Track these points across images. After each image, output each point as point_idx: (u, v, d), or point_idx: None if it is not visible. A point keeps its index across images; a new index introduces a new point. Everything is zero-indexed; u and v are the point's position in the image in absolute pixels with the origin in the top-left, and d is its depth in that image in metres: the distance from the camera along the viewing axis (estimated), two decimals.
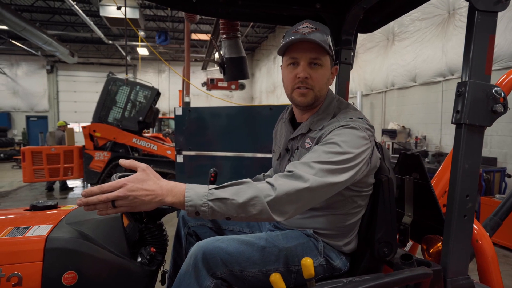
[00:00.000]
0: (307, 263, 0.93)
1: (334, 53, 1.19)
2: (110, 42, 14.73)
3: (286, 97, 1.23)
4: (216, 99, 12.68)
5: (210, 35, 13.15)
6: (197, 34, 15.58)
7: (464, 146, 1.02)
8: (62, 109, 18.50)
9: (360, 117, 1.13)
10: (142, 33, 13.40)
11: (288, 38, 1.12)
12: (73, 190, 7.77)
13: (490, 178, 4.62)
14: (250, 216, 0.91)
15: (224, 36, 1.96)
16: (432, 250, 1.23)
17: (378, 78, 8.25)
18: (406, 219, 1.39)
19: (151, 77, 18.25)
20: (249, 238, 1.12)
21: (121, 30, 13.57)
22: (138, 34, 9.69)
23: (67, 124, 8.11)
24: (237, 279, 1.05)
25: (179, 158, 4.15)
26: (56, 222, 1.06)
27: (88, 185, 7.82)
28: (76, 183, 8.34)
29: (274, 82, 15.87)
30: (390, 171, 1.18)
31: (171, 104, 16.49)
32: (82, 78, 18.57)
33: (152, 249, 1.14)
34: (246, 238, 1.12)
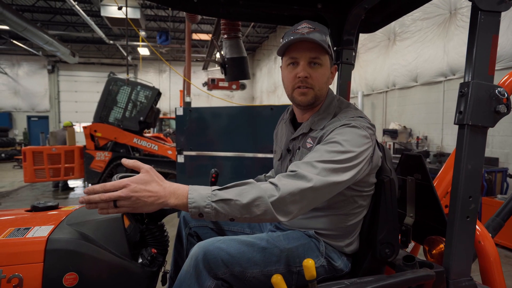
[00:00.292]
0: (309, 265, 0.93)
1: (336, 53, 1.18)
2: (111, 42, 14.75)
3: (287, 97, 1.23)
4: (217, 99, 12.69)
5: (211, 35, 13.16)
6: (198, 34, 15.59)
7: (467, 147, 1.01)
8: (63, 109, 18.53)
9: (361, 116, 1.13)
10: (143, 33, 13.40)
11: (287, 39, 1.12)
12: (74, 190, 7.78)
13: (491, 179, 4.60)
14: (254, 216, 0.91)
15: (225, 36, 1.96)
16: (434, 251, 1.22)
17: (379, 78, 8.24)
18: (408, 220, 1.38)
19: (152, 77, 18.27)
20: (250, 239, 1.11)
21: (122, 30, 13.59)
22: (139, 34, 9.70)
23: (73, 124, 8.11)
24: (238, 280, 1.04)
25: (180, 158, 4.15)
26: (57, 223, 1.06)
27: (89, 185, 7.84)
28: (77, 183, 8.35)
29: (275, 82, 15.86)
30: (392, 172, 1.17)
31: (172, 104, 16.51)
32: (83, 78, 18.60)
33: (153, 250, 1.13)
34: (247, 238, 1.11)
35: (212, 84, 12.80)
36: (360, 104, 8.35)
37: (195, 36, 15.44)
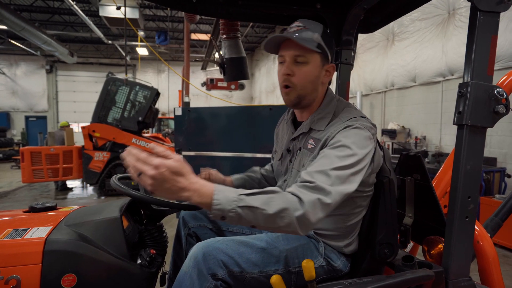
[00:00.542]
0: (308, 265, 0.93)
1: (335, 53, 1.18)
2: (110, 42, 14.72)
3: None
4: (215, 99, 12.68)
5: (209, 35, 13.15)
6: (196, 34, 15.58)
7: (466, 147, 1.01)
8: (62, 109, 18.48)
9: (362, 116, 1.13)
10: (142, 33, 13.39)
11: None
12: (72, 190, 7.76)
13: (490, 178, 4.62)
14: (277, 227, 0.89)
15: (224, 36, 1.95)
16: (433, 252, 1.22)
17: (378, 78, 8.25)
18: (407, 220, 1.38)
19: (151, 77, 18.24)
20: (249, 240, 1.11)
21: (120, 30, 13.56)
22: (138, 34, 9.68)
23: (70, 124, 8.09)
24: (237, 281, 1.04)
25: None
26: (55, 224, 1.05)
27: (87, 185, 7.82)
28: (75, 183, 8.33)
29: (274, 82, 15.86)
30: (391, 172, 1.17)
31: (171, 104, 16.49)
32: (82, 78, 18.55)
33: (152, 251, 1.13)
34: (246, 239, 1.11)
35: (211, 84, 12.78)
36: (358, 104, 8.36)
37: (194, 36, 15.42)
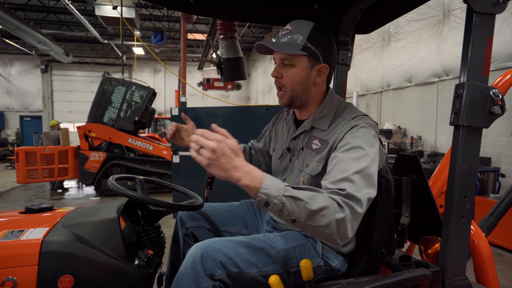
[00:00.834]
0: (306, 265, 0.93)
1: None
2: (106, 41, 14.63)
3: None
4: (212, 99, 12.66)
5: (206, 35, 13.13)
6: (193, 34, 15.55)
7: (462, 147, 1.02)
8: (57, 109, 18.34)
9: (364, 114, 1.14)
10: (138, 32, 13.33)
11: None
12: (68, 191, 7.71)
13: (484, 178, 4.66)
14: (315, 226, 0.88)
15: (221, 36, 1.95)
16: (430, 251, 1.23)
17: (374, 79, 8.29)
18: (403, 220, 1.39)
19: (147, 77, 18.16)
20: (247, 240, 1.11)
21: (116, 29, 13.50)
22: (134, 33, 9.63)
23: (59, 122, 8.03)
24: (235, 281, 1.04)
25: (175, 159, 4.13)
26: (51, 225, 1.05)
27: (83, 185, 7.77)
28: (71, 184, 8.27)
29: (270, 82, 15.87)
30: (388, 172, 1.18)
31: (167, 104, 16.43)
32: (77, 78, 18.42)
33: (149, 251, 1.13)
34: (245, 239, 1.11)
35: (207, 84, 12.76)
36: (355, 104, 8.37)
37: (190, 36, 15.39)
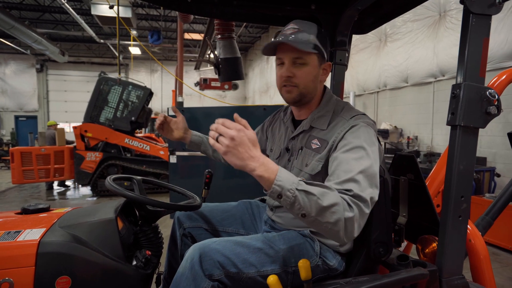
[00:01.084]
0: (305, 265, 0.93)
1: (329, 54, 1.20)
2: (102, 41, 14.54)
3: (279, 97, 1.26)
4: (209, 99, 12.64)
5: (203, 35, 13.10)
6: (190, 34, 15.50)
7: (459, 147, 1.03)
8: (52, 108, 18.20)
9: (362, 113, 1.15)
10: (135, 32, 13.26)
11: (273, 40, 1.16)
12: (70, 189, 7.69)
13: (480, 178, 4.69)
14: (324, 222, 0.88)
15: (219, 36, 1.95)
16: (427, 250, 1.24)
17: (370, 79, 8.32)
18: (400, 220, 1.40)
19: (144, 76, 18.09)
20: (245, 240, 1.11)
21: (113, 29, 13.43)
22: (131, 33, 9.59)
23: (57, 123, 7.99)
24: (234, 281, 1.04)
25: (173, 159, 4.12)
26: (48, 226, 1.04)
27: (79, 186, 7.73)
28: (67, 184, 8.22)
29: (267, 82, 15.87)
30: (385, 172, 1.18)
31: (164, 104, 16.37)
32: (73, 78, 18.31)
33: (147, 252, 1.12)
34: (243, 239, 1.11)
35: (204, 84, 12.74)
36: (352, 104, 8.40)
37: (187, 35, 15.33)
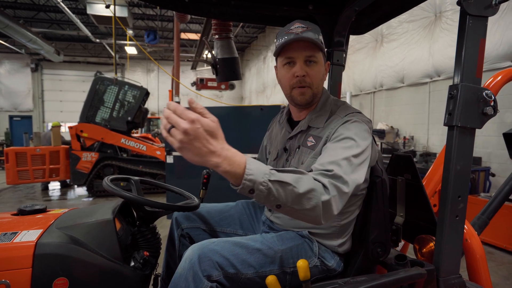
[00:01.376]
0: (303, 265, 0.93)
1: (326, 54, 1.21)
2: (98, 40, 14.46)
3: (276, 97, 1.25)
4: (206, 99, 12.62)
5: (199, 35, 13.07)
6: (186, 34, 15.46)
7: (456, 148, 1.03)
8: (48, 108, 18.06)
9: (358, 111, 1.17)
10: (131, 31, 13.20)
11: (281, 39, 1.14)
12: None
13: (475, 177, 4.73)
14: (301, 209, 0.85)
15: (216, 36, 1.94)
16: (424, 250, 1.25)
17: (367, 79, 8.36)
18: (398, 219, 1.41)
19: (140, 76, 18.01)
20: (244, 240, 1.11)
21: (108, 28, 13.35)
22: (127, 32, 9.54)
23: (61, 125, 7.91)
24: (232, 282, 1.04)
25: (169, 159, 4.11)
26: (45, 227, 1.03)
27: (74, 186, 7.67)
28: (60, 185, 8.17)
29: (264, 82, 15.88)
30: (383, 172, 1.19)
31: (161, 104, 16.35)
32: (68, 77, 18.18)
33: (145, 253, 1.12)
34: (241, 240, 1.11)
35: (201, 84, 12.71)
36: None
37: (184, 35, 15.30)
